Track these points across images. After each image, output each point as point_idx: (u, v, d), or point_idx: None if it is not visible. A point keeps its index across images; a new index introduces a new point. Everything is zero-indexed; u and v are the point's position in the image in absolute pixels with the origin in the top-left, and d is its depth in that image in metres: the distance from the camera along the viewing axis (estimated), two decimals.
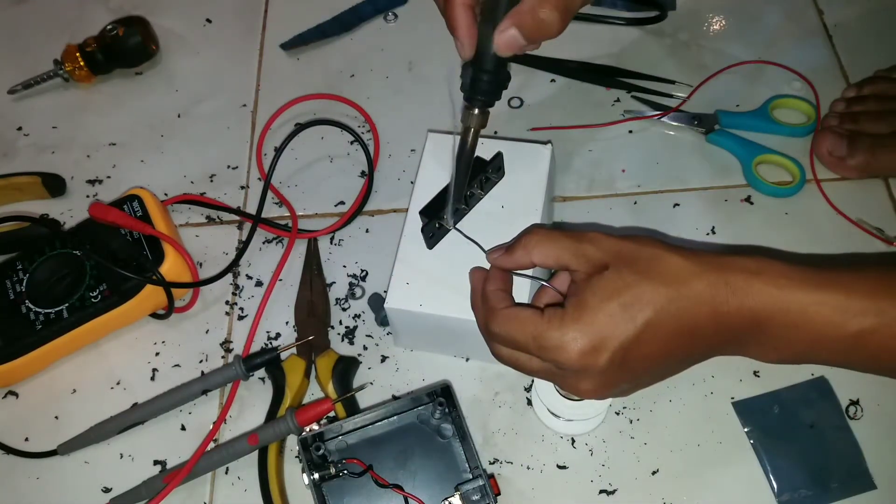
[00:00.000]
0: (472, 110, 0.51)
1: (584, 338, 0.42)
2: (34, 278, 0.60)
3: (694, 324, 0.42)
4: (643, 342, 0.42)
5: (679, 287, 0.42)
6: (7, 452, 0.57)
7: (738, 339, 0.44)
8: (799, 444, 0.54)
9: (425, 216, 0.53)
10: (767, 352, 0.44)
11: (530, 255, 0.47)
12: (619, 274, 0.43)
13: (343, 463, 0.51)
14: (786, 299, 0.42)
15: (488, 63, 0.49)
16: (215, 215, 0.67)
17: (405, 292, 0.53)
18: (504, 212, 0.55)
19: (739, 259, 0.43)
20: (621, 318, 0.42)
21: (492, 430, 0.56)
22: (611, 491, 0.53)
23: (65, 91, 0.76)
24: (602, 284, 0.43)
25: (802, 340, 0.43)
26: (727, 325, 0.42)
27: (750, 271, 0.42)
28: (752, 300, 0.42)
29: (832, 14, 0.74)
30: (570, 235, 0.46)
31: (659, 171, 0.66)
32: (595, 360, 0.42)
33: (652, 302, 0.42)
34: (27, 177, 0.68)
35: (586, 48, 0.74)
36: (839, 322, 0.41)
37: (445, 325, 0.53)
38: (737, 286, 0.42)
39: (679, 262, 0.43)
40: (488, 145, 0.57)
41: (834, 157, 0.64)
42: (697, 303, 0.42)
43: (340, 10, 0.78)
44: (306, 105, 0.72)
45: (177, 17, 0.80)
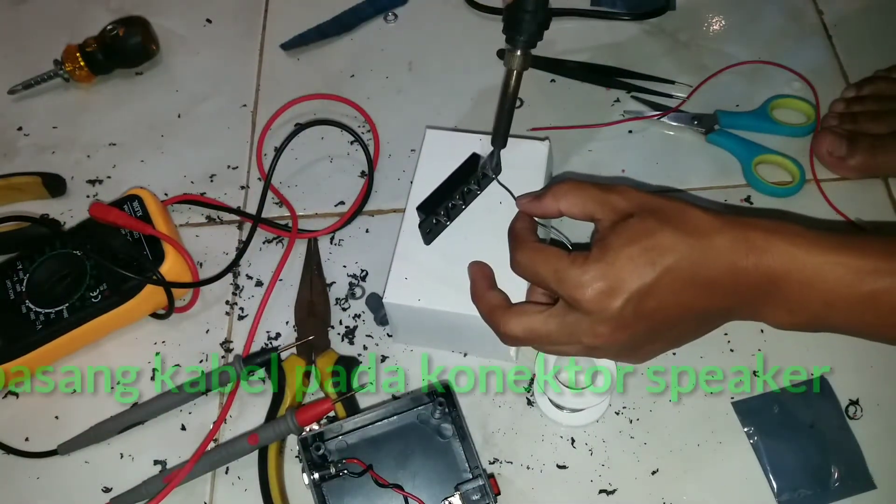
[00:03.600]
0: (514, 52, 0.52)
1: (602, 278, 0.43)
2: (34, 278, 0.60)
3: (712, 276, 0.43)
4: (660, 289, 0.43)
5: (700, 238, 0.43)
6: (7, 452, 0.57)
7: (754, 298, 0.44)
8: (799, 443, 0.54)
9: (422, 212, 0.53)
10: (782, 314, 0.45)
11: (558, 203, 0.48)
12: (643, 221, 0.44)
13: (343, 463, 0.51)
14: (801, 258, 0.43)
15: (529, 3, 0.51)
16: (215, 215, 0.68)
17: (403, 288, 0.53)
18: (502, 208, 0.55)
19: (760, 220, 0.44)
20: (641, 262, 0.43)
21: (492, 429, 0.56)
22: (611, 491, 0.53)
23: (65, 91, 0.76)
24: (626, 229, 0.44)
25: (816, 300, 0.43)
26: (744, 282, 0.43)
27: (769, 230, 0.43)
28: (770, 257, 0.43)
29: (832, 14, 0.75)
30: (599, 186, 0.47)
31: (658, 171, 0.66)
32: (611, 301, 0.43)
33: (672, 249, 0.43)
34: (27, 177, 0.68)
35: (586, 48, 0.74)
36: (852, 281, 0.42)
37: (444, 320, 0.53)
38: (756, 243, 0.43)
39: (702, 216, 0.44)
40: (485, 141, 0.57)
41: (833, 157, 0.64)
42: (717, 255, 0.43)
43: (340, 10, 0.78)
44: (306, 105, 0.72)
45: (177, 17, 0.80)
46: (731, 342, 0.58)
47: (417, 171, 0.58)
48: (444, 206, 0.53)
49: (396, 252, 0.55)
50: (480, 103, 0.71)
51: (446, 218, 0.54)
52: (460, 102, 0.72)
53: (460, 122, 0.70)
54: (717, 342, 0.57)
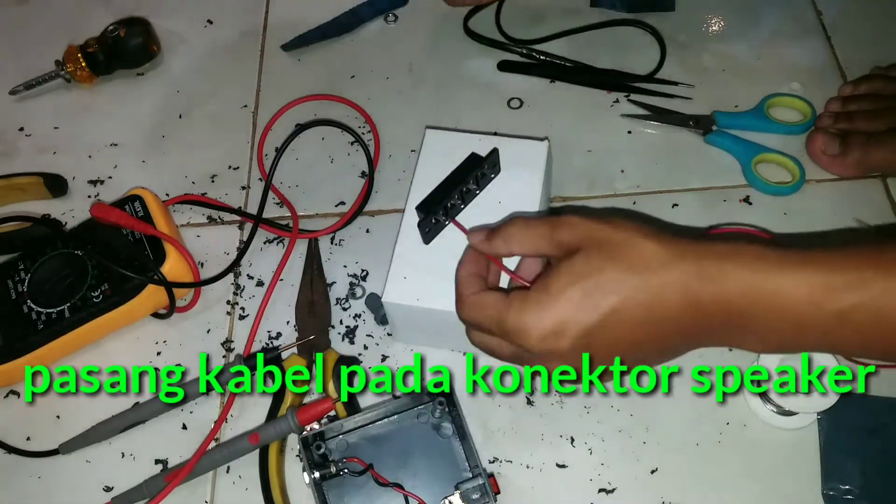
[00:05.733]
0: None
1: (543, 322, 0.41)
2: (36, 278, 0.60)
3: (665, 313, 0.41)
4: (609, 329, 0.41)
5: (649, 275, 0.41)
6: (9, 452, 0.57)
7: (717, 330, 0.42)
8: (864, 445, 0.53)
9: (422, 212, 0.54)
10: (751, 341, 0.43)
11: (509, 247, 0.47)
12: (587, 258, 0.42)
13: (344, 462, 0.51)
14: (761, 282, 0.40)
15: None
16: (216, 215, 0.68)
17: (402, 287, 0.53)
18: (500, 208, 0.55)
19: (715, 244, 0.41)
20: (583, 305, 0.41)
21: (492, 428, 0.56)
22: (610, 490, 0.53)
23: (66, 92, 0.76)
24: (568, 269, 0.42)
25: (785, 326, 0.40)
26: (702, 316, 0.41)
27: (723, 256, 0.40)
28: (727, 288, 0.40)
29: (830, 14, 0.75)
30: (547, 222, 0.45)
31: (658, 171, 0.67)
32: (557, 343, 0.42)
33: (617, 290, 0.41)
34: (29, 177, 0.68)
35: (586, 49, 0.74)
36: (820, 300, 0.39)
37: (442, 319, 0.53)
38: (710, 274, 0.40)
39: (652, 249, 0.41)
40: (485, 141, 0.58)
41: (827, 155, 0.64)
42: (668, 293, 0.40)
43: (341, 11, 0.78)
44: (307, 106, 0.72)
45: (178, 18, 0.80)
46: None
47: (417, 171, 0.58)
48: (443, 205, 0.53)
49: (395, 251, 0.55)
50: (481, 104, 0.71)
51: (445, 217, 0.54)
52: (460, 103, 0.72)
53: (459, 122, 0.70)
54: None
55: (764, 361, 0.53)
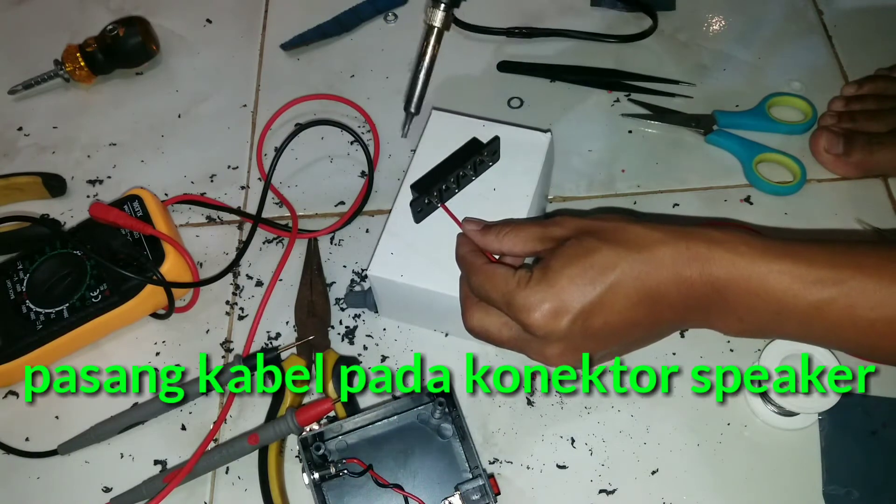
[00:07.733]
0: (436, 8, 0.53)
1: (546, 301, 0.43)
2: (35, 278, 0.60)
3: (658, 288, 0.43)
4: (606, 306, 0.43)
5: (642, 251, 0.43)
6: (7, 452, 0.57)
7: (702, 306, 0.44)
8: (865, 446, 0.53)
9: (416, 191, 0.54)
10: (732, 322, 0.44)
11: (500, 244, 0.49)
12: (581, 241, 0.44)
13: (343, 462, 0.51)
14: (746, 267, 0.42)
15: None
16: (216, 215, 0.68)
17: (389, 262, 0.54)
18: (495, 195, 0.55)
19: (704, 229, 0.43)
20: (582, 281, 0.43)
21: (492, 429, 0.56)
22: (610, 491, 0.53)
23: (65, 91, 0.76)
24: (565, 250, 0.44)
25: (765, 310, 0.43)
26: (690, 292, 0.43)
27: (711, 239, 0.43)
28: (713, 266, 0.42)
29: (832, 13, 0.75)
30: (538, 223, 0.47)
31: (658, 171, 0.67)
32: (557, 323, 0.43)
33: (614, 266, 0.42)
34: (28, 177, 0.68)
35: (586, 49, 0.74)
36: (798, 291, 0.41)
37: (425, 298, 0.53)
38: (698, 253, 0.42)
39: (642, 231, 0.44)
40: (489, 128, 0.58)
41: (831, 154, 0.64)
42: (660, 267, 0.42)
43: (340, 10, 0.78)
44: (306, 105, 0.72)
45: (177, 17, 0.80)
46: (730, 342, 0.57)
47: (418, 150, 0.58)
48: (437, 187, 0.54)
49: (386, 227, 0.55)
50: (481, 104, 0.71)
51: (438, 199, 0.54)
52: (460, 103, 0.72)
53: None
54: (718, 343, 0.57)
55: (764, 361, 0.53)
